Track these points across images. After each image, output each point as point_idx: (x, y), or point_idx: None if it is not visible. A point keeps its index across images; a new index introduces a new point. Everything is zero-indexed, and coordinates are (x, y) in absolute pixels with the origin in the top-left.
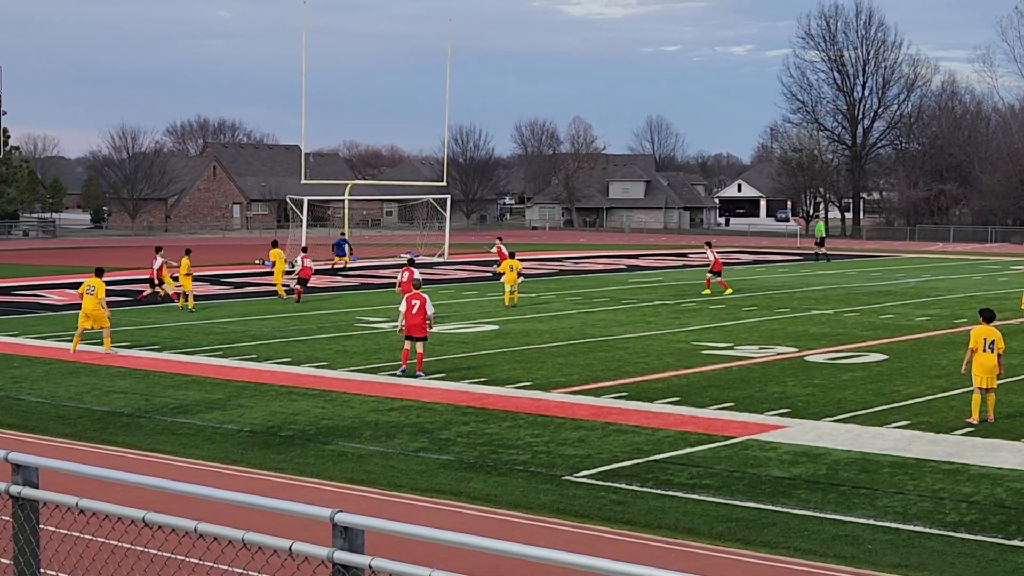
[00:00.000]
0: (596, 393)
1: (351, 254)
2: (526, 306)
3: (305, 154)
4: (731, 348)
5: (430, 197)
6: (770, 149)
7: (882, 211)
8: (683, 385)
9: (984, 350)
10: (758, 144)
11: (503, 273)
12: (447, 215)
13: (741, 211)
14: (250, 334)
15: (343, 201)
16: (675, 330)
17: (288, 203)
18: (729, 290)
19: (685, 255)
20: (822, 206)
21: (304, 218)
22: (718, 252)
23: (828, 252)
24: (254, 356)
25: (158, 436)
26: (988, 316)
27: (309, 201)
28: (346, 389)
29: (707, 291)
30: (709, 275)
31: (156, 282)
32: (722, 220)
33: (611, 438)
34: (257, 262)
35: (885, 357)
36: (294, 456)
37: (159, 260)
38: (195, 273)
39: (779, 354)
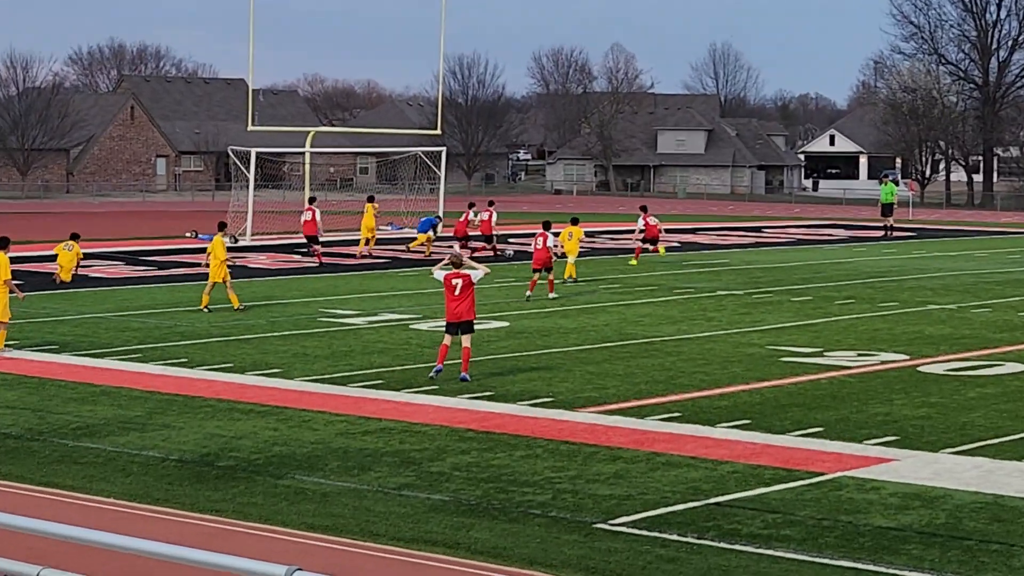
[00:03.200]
0: (639, 413)
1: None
2: (546, 297)
3: (254, 91)
4: (820, 354)
5: (419, 150)
6: (873, 89)
7: (1022, 172)
8: (755, 403)
9: None
10: (857, 83)
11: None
12: (442, 174)
13: (834, 171)
14: (179, 331)
15: (303, 154)
16: (745, 329)
17: (230, 156)
18: (662, 250)
19: (759, 230)
20: (942, 165)
21: (251, 177)
22: (783, 224)
23: (894, 225)
24: (184, 360)
25: (55, 466)
26: None
27: (258, 154)
28: (306, 405)
29: (634, 262)
30: (640, 244)
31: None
32: (808, 183)
33: (658, 473)
34: (189, 235)
35: None
36: (237, 494)
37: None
38: (103, 249)
39: (884, 363)
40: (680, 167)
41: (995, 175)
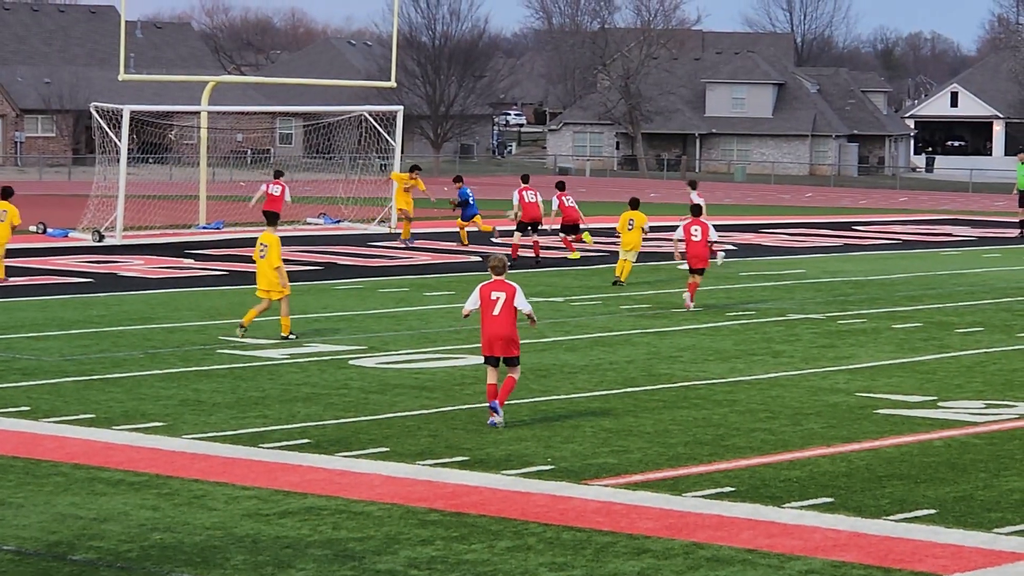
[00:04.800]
0: (674, 487)
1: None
2: (546, 322)
3: (128, 24)
4: (932, 405)
5: (366, 109)
6: (1014, 28)
7: None
8: (840, 473)
9: None
10: (990, 19)
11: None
12: (397, 143)
13: (957, 143)
14: (18, 366)
15: (198, 115)
16: (826, 369)
17: (94, 117)
18: (575, 254)
19: (849, 227)
20: None
21: (123, 147)
22: (902, 220)
23: None
24: (26, 409)
25: None
26: None
27: (134, 115)
28: (199, 474)
29: (575, 255)
30: (562, 234)
31: None
32: (920, 160)
33: (701, 573)
34: (35, 229)
35: None
36: None
37: None
38: None
39: (1023, 417)
40: (738, 136)
41: None
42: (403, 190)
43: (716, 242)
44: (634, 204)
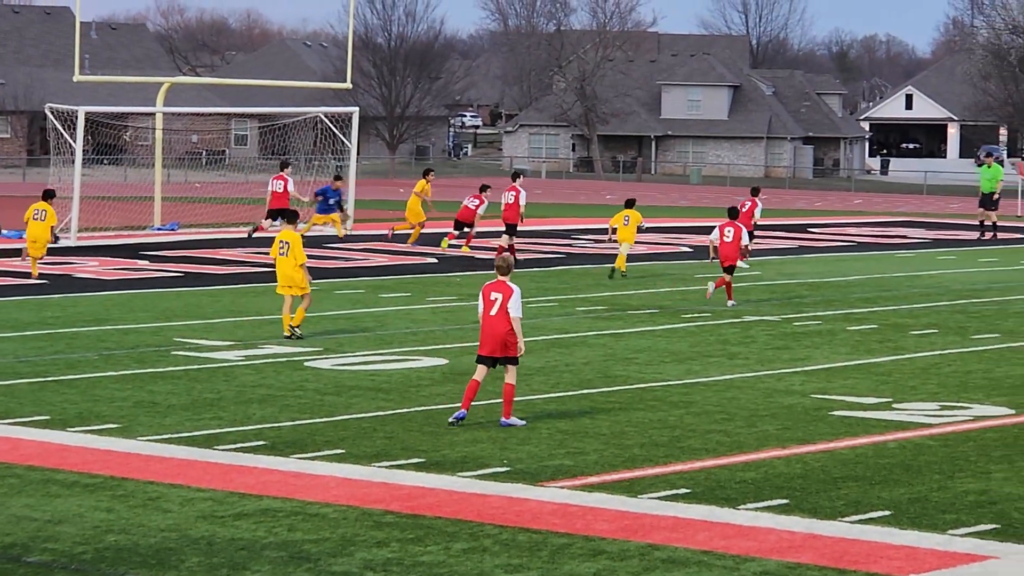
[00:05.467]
0: (630, 489)
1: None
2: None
3: (83, 25)
4: (887, 407)
5: (321, 110)
6: (968, 30)
7: None
8: (795, 475)
9: None
10: (944, 22)
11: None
12: (353, 145)
13: (912, 146)
14: None
15: (153, 116)
16: (782, 371)
17: (48, 118)
18: (465, 248)
19: (804, 229)
20: None
21: (78, 147)
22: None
23: (998, 223)
24: None
25: None
26: None
27: (89, 115)
28: (154, 475)
29: (465, 247)
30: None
31: None
32: (875, 163)
33: (657, 575)
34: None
35: None
36: None
37: None
38: None
39: (977, 419)
40: (693, 139)
41: None
42: (416, 194)
43: (747, 245)
44: (629, 204)
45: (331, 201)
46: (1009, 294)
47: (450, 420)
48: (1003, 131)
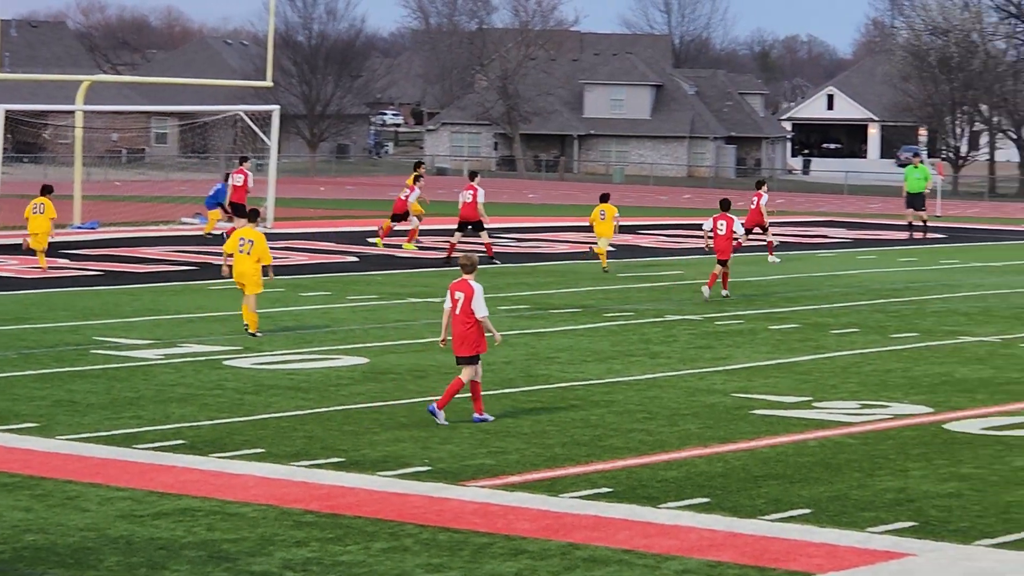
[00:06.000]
0: (551, 488)
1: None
2: (424, 322)
3: (3, 23)
4: (808, 406)
5: (242, 108)
6: (889, 31)
7: None
8: (716, 474)
9: None
10: (865, 23)
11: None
12: (273, 143)
13: (833, 146)
14: None
15: (73, 113)
16: (703, 370)
17: None
18: (410, 246)
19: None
20: (984, 139)
21: None
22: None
23: (929, 222)
24: None
25: None
26: None
27: (8, 114)
28: (72, 475)
29: (379, 241)
30: (391, 221)
31: None
32: (796, 162)
33: (578, 574)
34: None
35: None
36: None
37: None
38: None
39: (897, 418)
40: (616, 138)
41: None
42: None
43: (739, 236)
44: (604, 198)
45: (219, 201)
46: (927, 293)
47: (429, 408)
48: (923, 132)
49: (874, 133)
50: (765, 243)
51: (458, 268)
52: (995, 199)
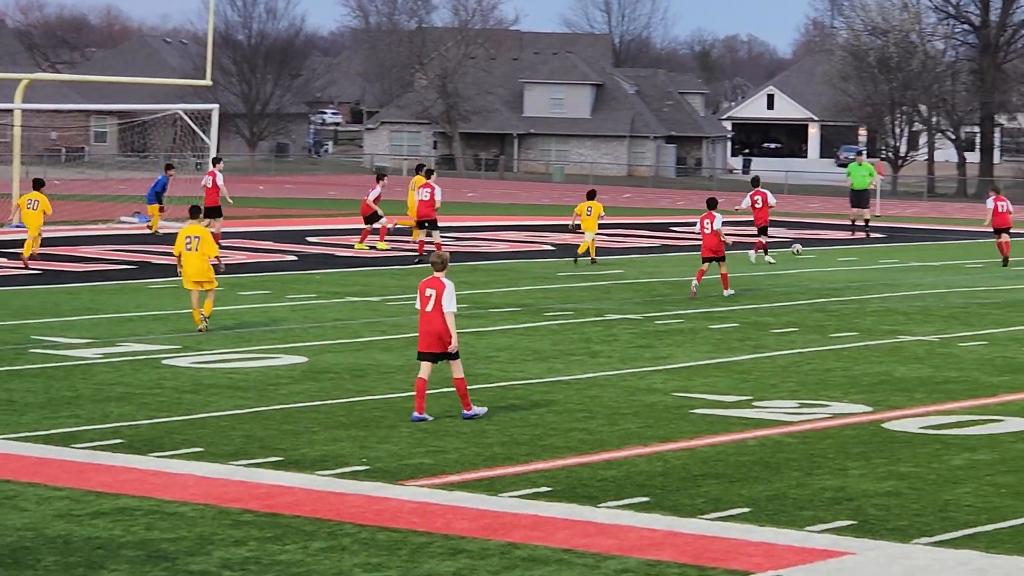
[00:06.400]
0: (490, 487)
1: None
2: (362, 322)
3: None
4: (747, 405)
5: (181, 107)
6: (829, 31)
7: None
8: (656, 473)
9: None
10: (805, 23)
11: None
12: (212, 142)
13: (773, 145)
14: None
15: (12, 112)
16: (643, 369)
17: None
18: (384, 243)
19: (667, 228)
20: (923, 139)
21: None
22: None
23: (872, 222)
24: None
25: None
26: None
27: None
28: (10, 474)
29: (360, 245)
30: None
31: None
32: (737, 162)
33: (517, 573)
34: None
35: None
36: None
37: None
38: None
39: (836, 417)
40: (556, 137)
41: (997, 153)
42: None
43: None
44: (591, 195)
45: (158, 191)
46: (866, 293)
47: (413, 418)
48: (862, 131)
49: (814, 133)
50: (755, 243)
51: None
52: (934, 199)
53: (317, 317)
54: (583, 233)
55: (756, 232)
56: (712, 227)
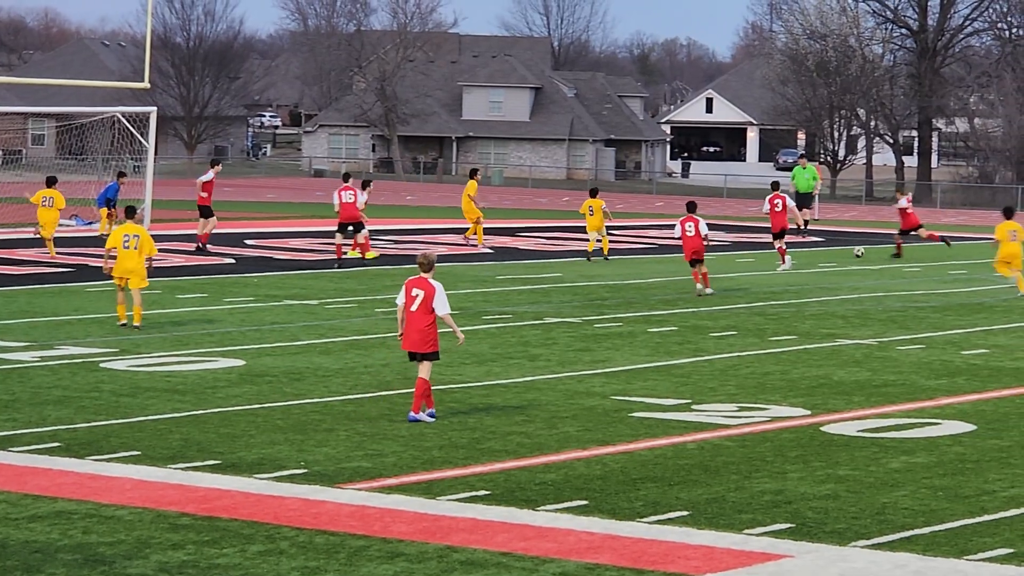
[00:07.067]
0: (428, 491)
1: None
2: (300, 325)
3: None
4: (686, 408)
5: (119, 110)
6: (767, 35)
7: (971, 154)
8: (595, 476)
9: None
10: (744, 27)
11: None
12: (151, 144)
13: (712, 149)
14: None
15: None
16: (582, 372)
17: None
18: (372, 253)
19: (607, 231)
20: (862, 143)
21: None
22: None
23: (810, 223)
24: None
25: None
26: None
27: None
28: None
29: (355, 252)
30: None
31: None
32: (676, 165)
33: None
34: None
35: (970, 428)
36: None
37: None
38: None
39: (774, 419)
40: (495, 140)
41: (935, 157)
42: (468, 196)
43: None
44: (593, 193)
45: (109, 196)
46: (805, 296)
47: (409, 418)
48: (801, 135)
49: (753, 136)
50: (778, 249)
51: (415, 267)
52: (872, 203)
53: (255, 320)
54: (589, 232)
55: (772, 237)
56: (696, 230)
